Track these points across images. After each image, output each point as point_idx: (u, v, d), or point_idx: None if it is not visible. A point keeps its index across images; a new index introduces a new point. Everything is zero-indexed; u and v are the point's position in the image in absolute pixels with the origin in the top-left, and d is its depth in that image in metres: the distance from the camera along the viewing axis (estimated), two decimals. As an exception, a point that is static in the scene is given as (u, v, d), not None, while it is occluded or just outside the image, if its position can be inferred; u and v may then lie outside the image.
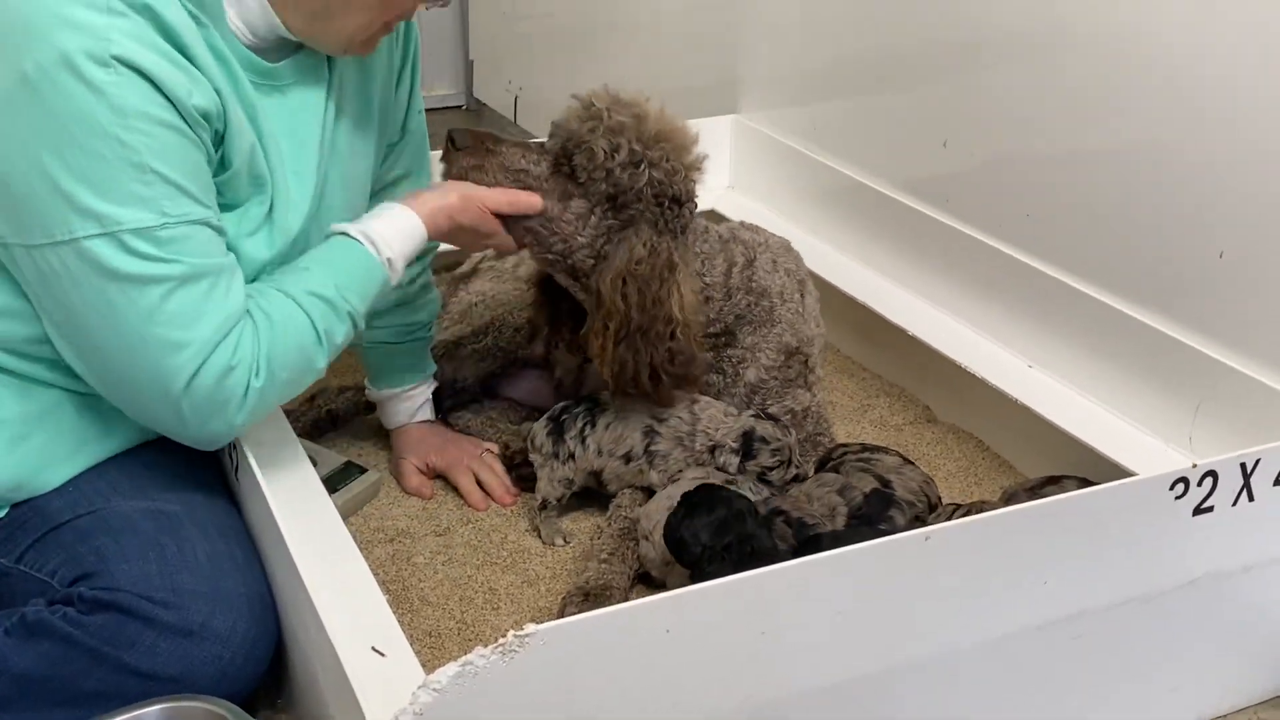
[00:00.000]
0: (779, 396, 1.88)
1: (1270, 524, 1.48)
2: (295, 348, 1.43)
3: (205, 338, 1.34)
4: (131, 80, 1.27)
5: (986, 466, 2.06)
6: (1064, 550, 1.36)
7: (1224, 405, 1.74)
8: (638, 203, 1.70)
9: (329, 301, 1.45)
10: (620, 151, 1.68)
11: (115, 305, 1.32)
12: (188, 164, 1.33)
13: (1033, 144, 2.01)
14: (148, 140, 1.29)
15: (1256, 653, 1.60)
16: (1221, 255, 1.73)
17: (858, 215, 2.38)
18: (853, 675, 1.31)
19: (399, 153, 1.78)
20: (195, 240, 1.34)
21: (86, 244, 1.29)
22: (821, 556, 1.25)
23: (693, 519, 1.60)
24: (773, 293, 1.88)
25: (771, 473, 1.81)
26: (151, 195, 1.30)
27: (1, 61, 1.26)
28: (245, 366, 1.37)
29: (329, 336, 1.45)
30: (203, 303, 1.34)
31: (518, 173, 1.69)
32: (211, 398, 1.37)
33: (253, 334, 1.38)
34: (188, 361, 1.34)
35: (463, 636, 1.65)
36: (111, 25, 1.27)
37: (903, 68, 2.26)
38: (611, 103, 1.71)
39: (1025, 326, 2.04)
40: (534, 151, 1.72)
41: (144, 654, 1.36)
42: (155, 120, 1.29)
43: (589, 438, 1.83)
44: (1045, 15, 1.94)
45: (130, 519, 1.43)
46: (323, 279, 1.46)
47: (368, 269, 1.50)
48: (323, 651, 1.26)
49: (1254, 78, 1.66)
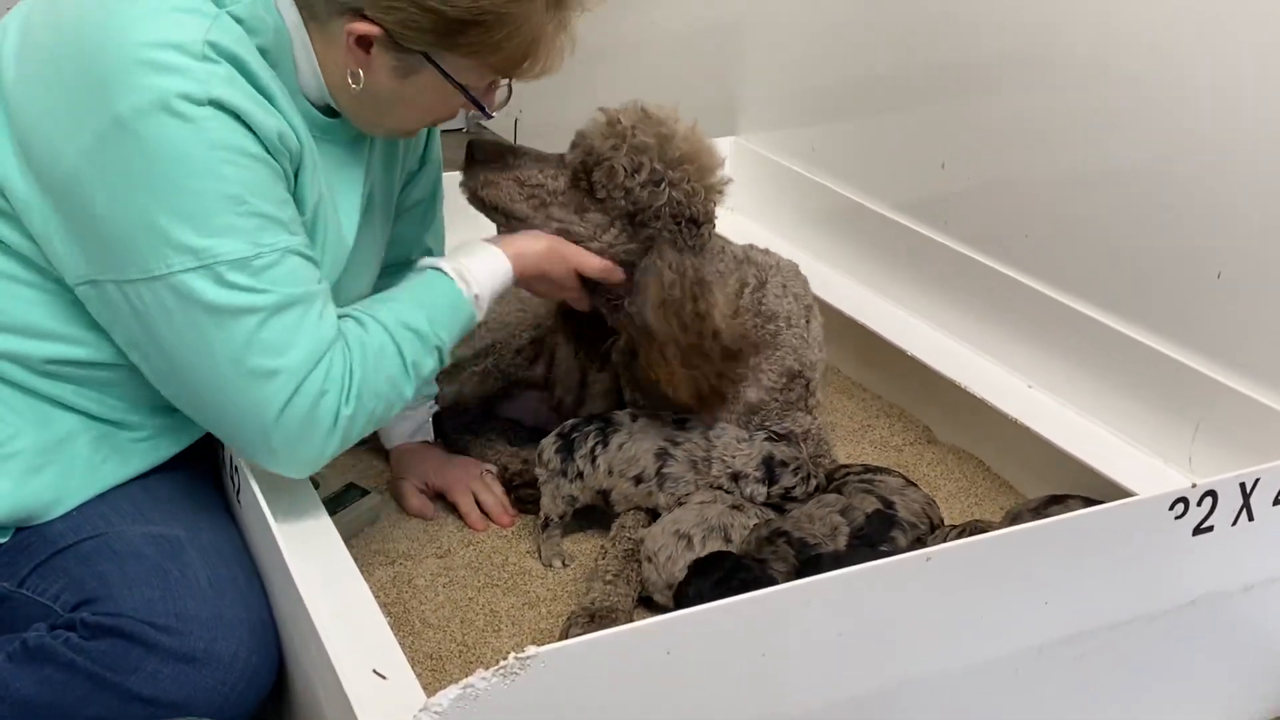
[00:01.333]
0: (779, 418, 1.88)
1: (1270, 544, 1.48)
2: (385, 378, 1.45)
3: (298, 364, 1.37)
4: (225, 119, 1.31)
5: (987, 487, 2.06)
6: (1064, 570, 1.36)
7: (1223, 425, 1.75)
8: (656, 221, 1.70)
9: (420, 334, 1.49)
10: (641, 171, 1.68)
11: (209, 337, 1.34)
12: (277, 195, 1.37)
13: (1031, 165, 2.02)
14: (240, 173, 1.32)
15: (1257, 673, 1.60)
16: (1220, 275, 1.74)
17: (857, 236, 2.38)
18: (854, 696, 1.31)
19: (418, 180, 1.81)
20: (287, 268, 1.36)
21: (183, 277, 1.32)
22: (823, 577, 1.25)
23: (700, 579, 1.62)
24: (780, 317, 1.88)
25: (794, 490, 1.82)
26: (245, 227, 1.33)
27: (96, 102, 1.30)
28: (336, 392, 1.40)
29: (417, 368, 1.48)
30: (295, 331, 1.36)
31: (534, 187, 1.70)
32: (303, 424, 1.39)
33: (343, 359, 1.41)
34: (280, 389, 1.36)
35: (464, 659, 1.65)
36: (209, 72, 1.31)
37: (901, 90, 2.27)
38: (638, 119, 1.71)
39: (1025, 347, 2.04)
40: (552, 165, 1.72)
41: (146, 680, 1.36)
42: (247, 154, 1.33)
43: (600, 457, 1.82)
44: (1042, 38, 1.95)
45: (133, 544, 1.43)
46: (415, 311, 1.50)
47: (456, 304, 1.54)
48: (324, 674, 1.25)
49: (1251, 98, 1.67)
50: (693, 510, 1.76)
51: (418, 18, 1.39)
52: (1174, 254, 1.80)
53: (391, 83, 1.46)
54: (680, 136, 1.72)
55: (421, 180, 1.82)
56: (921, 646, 1.33)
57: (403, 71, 1.45)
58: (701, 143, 1.74)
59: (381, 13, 1.39)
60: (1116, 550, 1.38)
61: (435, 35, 1.41)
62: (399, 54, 1.43)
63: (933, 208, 2.23)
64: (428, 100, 1.50)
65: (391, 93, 1.47)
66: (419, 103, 1.50)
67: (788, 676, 1.26)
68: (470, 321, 1.56)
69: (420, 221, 1.85)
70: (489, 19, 1.40)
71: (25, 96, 1.35)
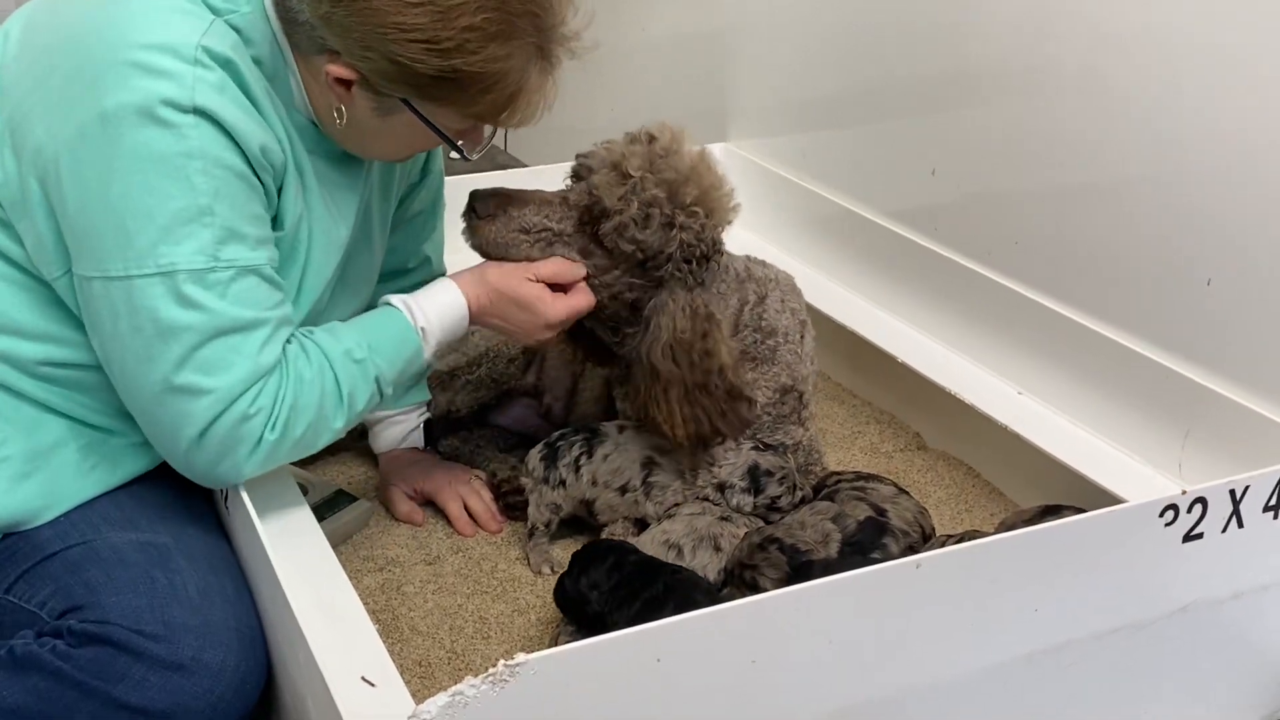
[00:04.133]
0: (771, 431, 1.89)
1: (1260, 551, 1.48)
2: (316, 406, 1.44)
3: (228, 388, 1.36)
4: (209, 128, 1.32)
5: (977, 493, 2.06)
6: (1054, 578, 1.36)
7: (1213, 432, 1.75)
8: (667, 264, 1.69)
9: (360, 363, 1.48)
10: (651, 223, 1.66)
11: (149, 346, 1.35)
12: (248, 210, 1.37)
13: (1021, 172, 2.02)
14: (212, 183, 1.33)
15: (1247, 679, 1.60)
16: (1209, 282, 1.74)
17: (847, 243, 2.39)
18: (844, 704, 1.31)
19: (419, 191, 1.81)
20: (242, 287, 1.36)
21: (137, 283, 1.33)
22: (812, 584, 1.25)
23: (588, 573, 1.62)
24: (778, 333, 1.88)
25: (780, 500, 1.81)
26: (207, 238, 1.33)
27: (84, 96, 1.31)
28: (262, 418, 1.39)
29: (351, 399, 1.48)
30: (233, 353, 1.36)
31: (539, 233, 1.67)
32: (224, 444, 1.39)
33: (276, 387, 1.40)
34: (206, 409, 1.36)
35: (453, 666, 1.64)
36: (197, 76, 1.31)
37: (892, 97, 2.27)
38: (647, 162, 1.67)
39: (1015, 353, 2.04)
40: (555, 207, 1.69)
41: (134, 688, 1.36)
42: (222, 165, 1.33)
43: (583, 467, 1.82)
44: (1032, 46, 1.96)
45: (120, 551, 1.43)
46: (358, 340, 1.49)
47: (402, 337, 1.54)
48: (313, 681, 1.25)
49: (1240, 106, 1.67)
50: (682, 521, 1.76)
51: (390, 70, 1.39)
52: (1164, 261, 1.80)
53: (372, 120, 1.46)
54: (690, 178, 1.68)
55: (422, 192, 1.82)
56: (912, 654, 1.33)
57: (382, 111, 1.45)
58: (711, 175, 1.71)
59: (356, 59, 1.40)
60: (1106, 557, 1.38)
61: (410, 87, 1.41)
62: (377, 96, 1.43)
63: (923, 214, 2.23)
64: (409, 136, 1.50)
65: (373, 128, 1.48)
66: (401, 137, 1.50)
67: (778, 684, 1.26)
68: (417, 354, 1.55)
69: (419, 232, 1.85)
70: (463, 77, 1.40)
71: (22, 90, 1.36)
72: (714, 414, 1.72)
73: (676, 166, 1.68)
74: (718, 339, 1.71)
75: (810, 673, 1.28)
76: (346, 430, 1.51)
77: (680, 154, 1.69)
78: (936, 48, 2.15)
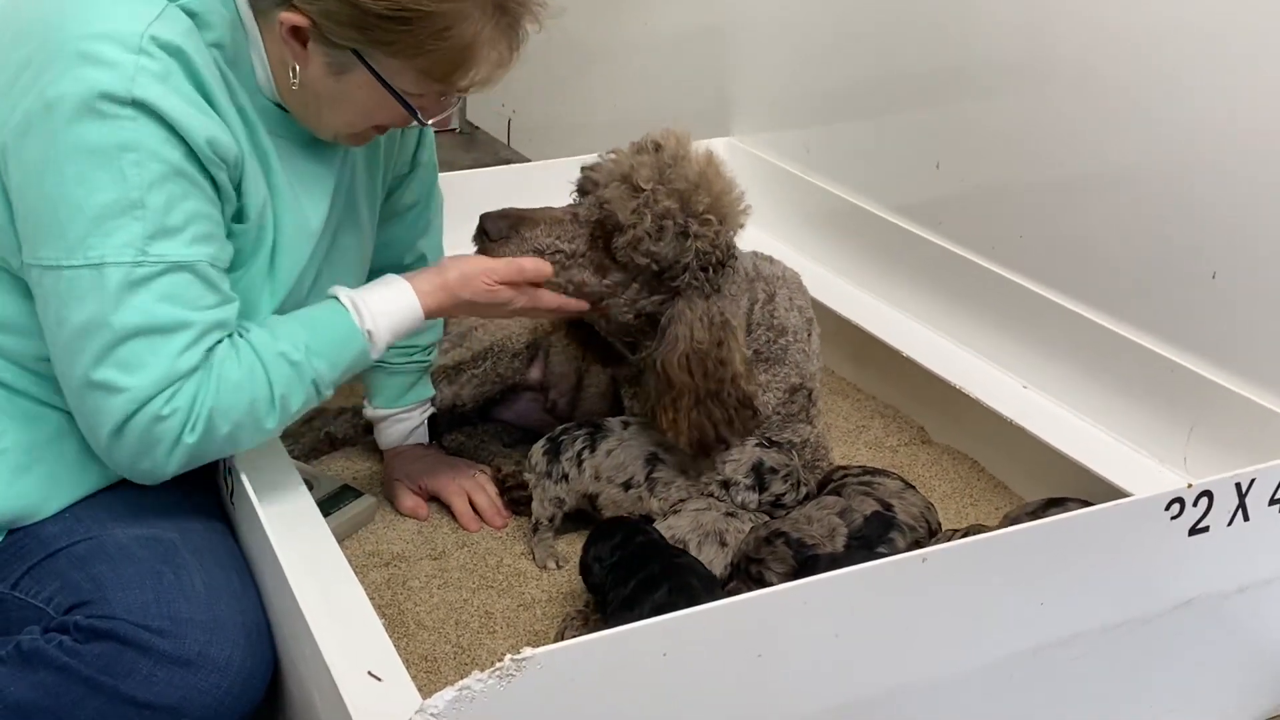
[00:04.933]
0: (779, 430, 1.89)
1: (1266, 544, 1.48)
2: (245, 408, 1.40)
3: (143, 388, 1.33)
4: (148, 121, 1.30)
5: (982, 487, 2.06)
6: (1060, 571, 1.36)
7: (1219, 425, 1.75)
8: (683, 275, 1.69)
9: (295, 365, 1.43)
10: (665, 235, 1.65)
11: (72, 339, 1.33)
12: (186, 207, 1.34)
13: (1025, 166, 2.02)
14: (145, 177, 1.30)
15: (1252, 673, 1.60)
16: (1214, 276, 1.74)
17: (851, 237, 2.38)
18: (850, 698, 1.31)
19: (408, 183, 1.79)
20: (168, 283, 1.33)
21: (66, 273, 1.31)
22: (819, 578, 1.25)
23: (596, 545, 1.67)
24: (788, 331, 1.88)
25: (784, 497, 1.81)
26: (136, 232, 1.31)
27: (32, 85, 1.30)
28: (178, 420, 1.35)
29: (284, 401, 1.43)
30: (151, 354, 1.33)
31: (553, 254, 1.66)
32: (140, 443, 1.36)
33: (195, 389, 1.36)
34: (120, 407, 1.34)
35: (459, 661, 1.65)
36: (139, 66, 1.30)
37: (895, 91, 2.27)
38: (657, 172, 1.65)
39: (1019, 347, 2.04)
40: (566, 225, 1.67)
41: (140, 683, 1.36)
42: (159, 159, 1.31)
43: (586, 461, 1.82)
44: (1035, 42, 1.95)
45: (127, 546, 1.43)
46: (296, 340, 1.44)
47: (346, 337, 1.48)
48: (319, 677, 1.25)
49: (1244, 99, 1.67)
50: (687, 517, 1.76)
51: (337, 10, 1.36)
52: (1169, 255, 1.80)
53: (327, 80, 1.43)
54: (701, 185, 1.66)
55: (413, 184, 1.80)
56: (918, 648, 1.33)
57: (336, 68, 1.42)
58: (721, 180, 1.70)
59: (307, 2, 1.37)
60: (1112, 551, 1.38)
61: (358, 31, 1.37)
62: (330, 49, 1.40)
63: (927, 209, 2.23)
64: (364, 100, 1.45)
65: (327, 90, 1.44)
66: (356, 102, 1.45)
67: (784, 678, 1.26)
68: (361, 356, 1.49)
69: (413, 226, 1.84)
70: (411, 16, 1.36)
71: None
72: (721, 422, 1.73)
73: (686, 175, 1.66)
74: (732, 347, 1.72)
75: (816, 667, 1.28)
76: (281, 429, 1.46)
77: (688, 159, 1.68)
78: (941, 42, 2.14)
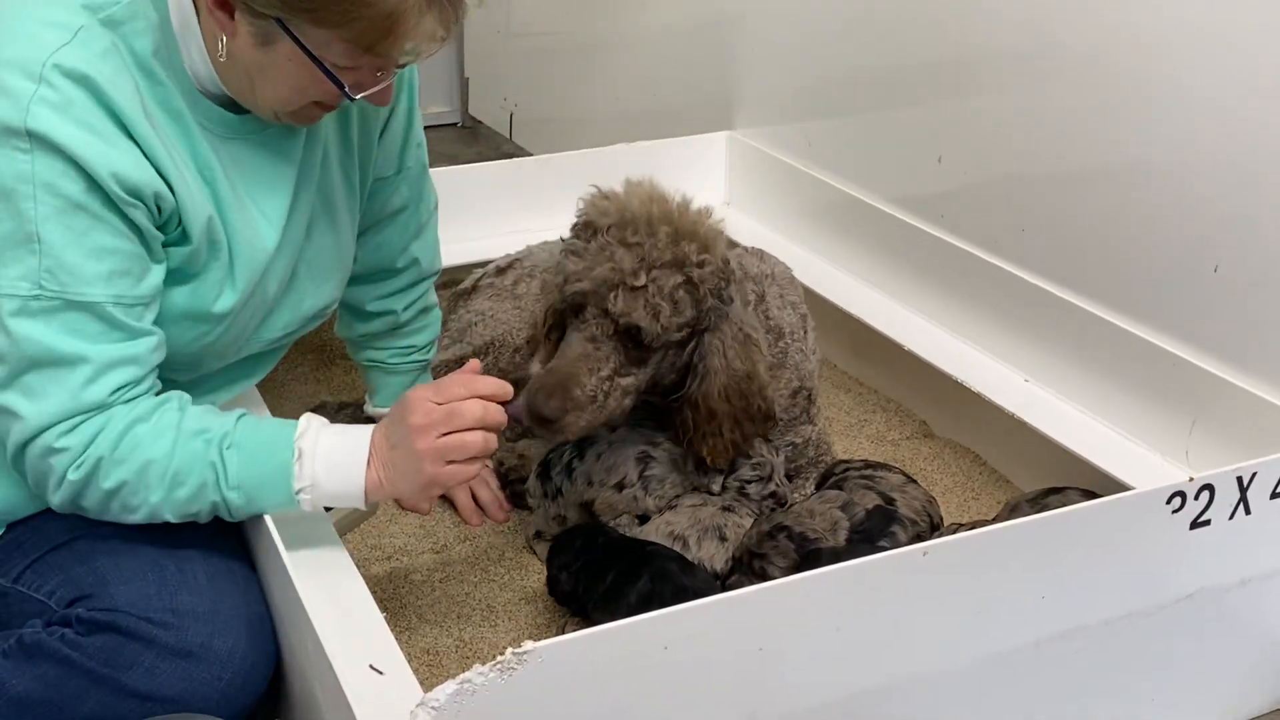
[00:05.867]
0: (782, 433, 1.89)
1: (1267, 538, 1.48)
2: (137, 468, 1.34)
3: (40, 417, 1.31)
4: (43, 153, 1.26)
5: (983, 481, 2.06)
6: (1061, 565, 1.36)
7: (1220, 419, 1.75)
8: (707, 315, 1.69)
9: (207, 445, 1.36)
10: (682, 305, 1.65)
11: None
12: (88, 243, 1.30)
13: (1027, 160, 2.02)
14: (41, 211, 1.27)
15: (1254, 667, 1.60)
16: (1216, 269, 1.74)
17: (853, 231, 2.38)
18: (851, 691, 1.31)
19: (396, 186, 1.75)
20: (68, 320, 1.30)
21: None
22: (819, 572, 1.25)
23: (558, 557, 1.69)
24: (786, 332, 1.88)
25: (749, 486, 1.81)
26: (32, 266, 1.28)
27: None
28: (68, 457, 1.32)
29: (176, 478, 1.35)
30: (53, 384, 1.31)
31: (605, 382, 1.65)
32: (35, 470, 1.35)
33: (94, 431, 1.32)
34: (19, 432, 1.32)
35: (461, 654, 1.65)
36: (36, 95, 1.26)
37: (897, 85, 2.27)
38: (640, 261, 1.63)
39: (1021, 341, 2.04)
40: (594, 352, 1.65)
41: (143, 675, 1.36)
42: (60, 194, 1.27)
43: (577, 470, 1.82)
44: (1038, 34, 1.95)
45: (129, 539, 1.43)
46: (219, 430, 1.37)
47: (274, 484, 1.38)
48: (321, 670, 1.25)
49: (1246, 93, 1.67)
50: (685, 513, 1.76)
51: None
52: (1171, 248, 1.80)
53: (254, 52, 1.36)
54: (676, 231, 1.65)
55: (400, 187, 1.75)
56: (918, 641, 1.33)
57: (261, 38, 1.35)
58: (683, 214, 1.67)
59: None
60: (1113, 545, 1.38)
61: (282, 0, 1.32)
62: (254, 18, 1.34)
63: (929, 202, 2.23)
64: (293, 74, 1.37)
65: (255, 62, 1.37)
66: (286, 75, 1.37)
67: (785, 671, 1.26)
68: (284, 507, 1.40)
69: (404, 229, 1.79)
70: None
71: None
72: (751, 435, 1.76)
73: (656, 237, 1.63)
74: (757, 360, 1.73)
75: (817, 661, 1.28)
76: (158, 517, 1.37)
77: (641, 217, 1.65)
78: (942, 35, 2.14)
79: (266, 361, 1.66)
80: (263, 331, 1.55)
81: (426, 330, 1.90)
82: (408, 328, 1.86)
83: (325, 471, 1.39)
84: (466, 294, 2.16)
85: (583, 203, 1.72)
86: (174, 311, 1.41)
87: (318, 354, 2.37)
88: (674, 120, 2.84)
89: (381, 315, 1.83)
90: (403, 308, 1.82)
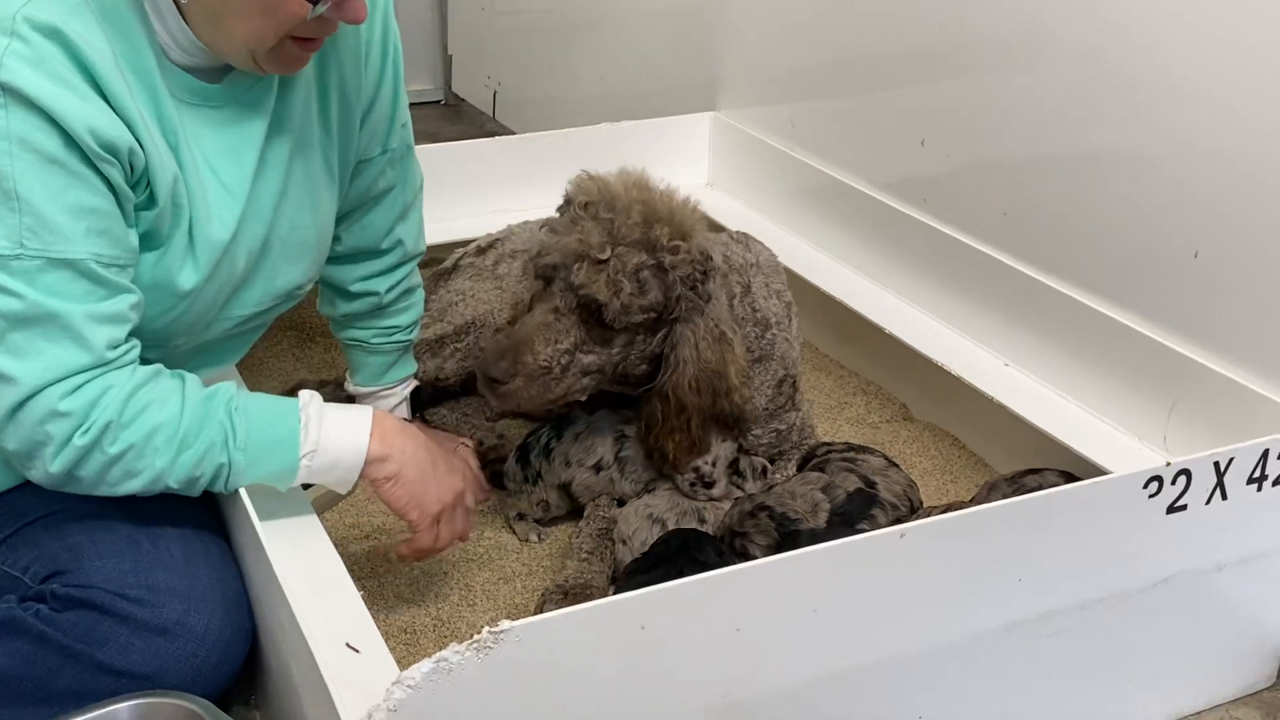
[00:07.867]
0: (767, 422, 1.89)
1: (1243, 522, 1.49)
2: (145, 432, 1.32)
3: (33, 376, 1.28)
4: (18, 108, 1.24)
5: (962, 464, 2.07)
6: (1038, 548, 1.37)
7: (1199, 404, 1.75)
8: (677, 304, 1.69)
9: (211, 409, 1.37)
10: (648, 286, 1.65)
11: None
12: (66, 200, 1.27)
13: (1010, 144, 2.02)
14: (19, 168, 1.25)
15: (1229, 650, 1.61)
16: (1196, 255, 1.74)
17: (836, 213, 2.38)
18: (828, 671, 1.32)
19: (381, 167, 1.73)
20: (50, 278, 1.28)
21: None
22: (797, 553, 1.26)
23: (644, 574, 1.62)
24: (772, 323, 1.88)
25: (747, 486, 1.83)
26: (14, 224, 1.25)
27: None
28: (74, 420, 1.29)
29: (184, 440, 1.35)
30: (42, 341, 1.28)
31: (562, 356, 1.66)
32: (30, 436, 1.30)
33: (98, 390, 1.30)
34: (9, 394, 1.29)
35: (438, 633, 1.65)
36: (9, 49, 1.23)
37: (882, 68, 2.27)
38: (608, 236, 1.64)
39: (1002, 325, 2.04)
40: (554, 323, 1.66)
41: (118, 651, 1.36)
42: (36, 150, 1.25)
43: (555, 450, 1.82)
44: (1022, 19, 1.95)
45: (104, 515, 1.42)
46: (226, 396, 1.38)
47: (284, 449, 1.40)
48: (297, 648, 1.25)
49: (1229, 81, 1.67)
50: (664, 495, 1.77)
51: None
52: (1151, 234, 1.80)
53: None
54: (649, 215, 1.65)
55: (384, 168, 1.74)
56: (895, 623, 1.33)
57: None
58: (664, 200, 1.69)
59: None
60: (1091, 528, 1.38)
61: None
62: None
63: (912, 186, 2.23)
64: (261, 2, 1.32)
65: None
66: (250, 5, 1.33)
67: (762, 651, 1.27)
68: (287, 475, 1.42)
69: (389, 210, 1.78)
70: None
71: None
72: (714, 435, 1.76)
73: (631, 217, 1.65)
74: (729, 360, 1.73)
75: (794, 641, 1.28)
76: (159, 484, 1.36)
77: (620, 199, 1.66)
78: (928, 18, 2.14)
79: (237, 346, 1.64)
80: (234, 307, 1.53)
81: (409, 311, 1.89)
82: (391, 309, 1.85)
83: (331, 439, 1.42)
84: (447, 273, 2.15)
85: (571, 184, 1.72)
86: (141, 281, 1.38)
87: (297, 331, 2.36)
88: (658, 100, 2.83)
89: (365, 296, 1.82)
90: (386, 289, 1.82)
